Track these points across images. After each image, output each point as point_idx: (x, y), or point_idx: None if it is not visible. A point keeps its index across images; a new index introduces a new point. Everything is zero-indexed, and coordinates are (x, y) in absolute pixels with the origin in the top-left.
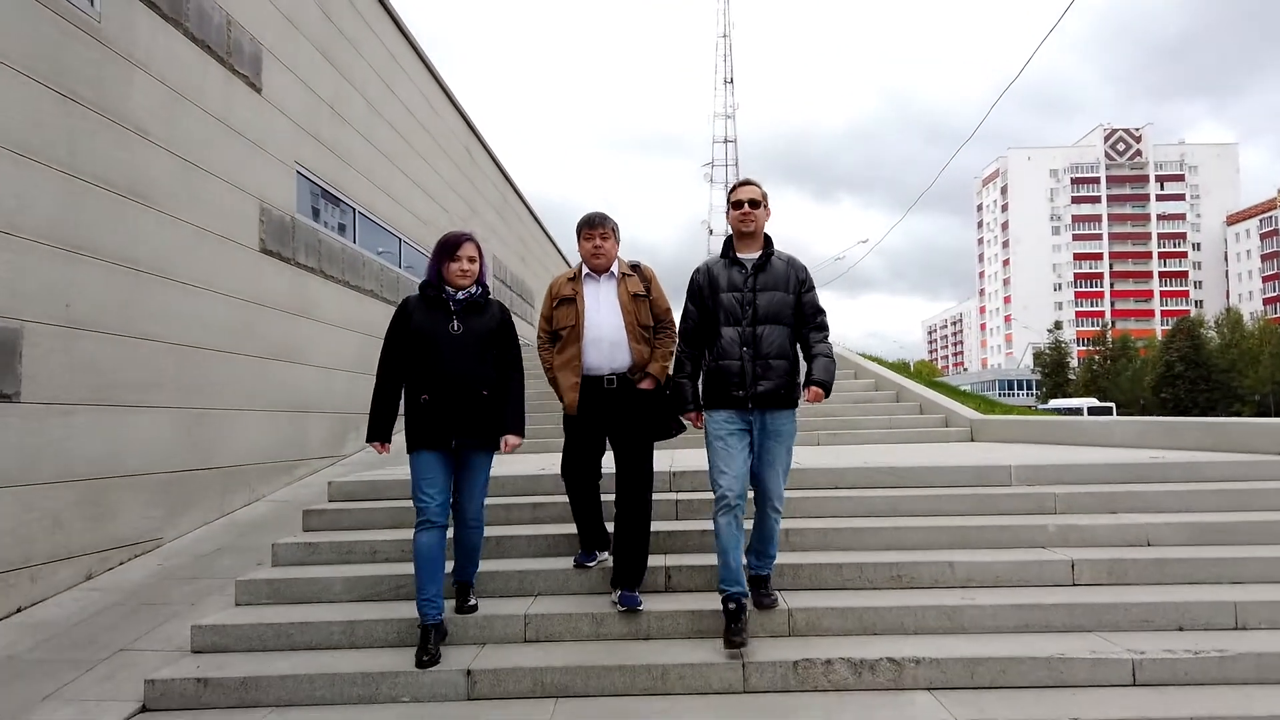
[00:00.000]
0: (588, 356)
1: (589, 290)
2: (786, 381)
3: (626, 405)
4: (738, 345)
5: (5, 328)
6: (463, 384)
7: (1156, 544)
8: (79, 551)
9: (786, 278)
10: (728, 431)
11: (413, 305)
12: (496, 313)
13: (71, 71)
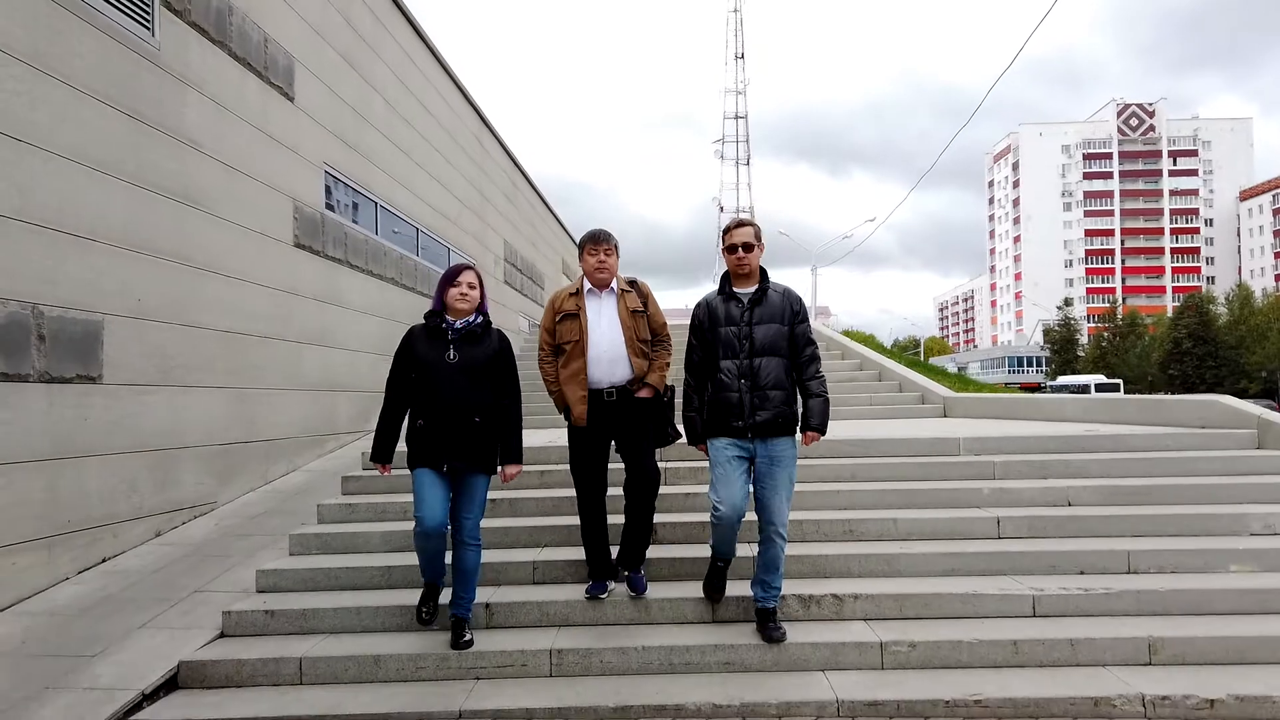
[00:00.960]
0: (591, 370)
1: (591, 305)
2: (784, 411)
3: (626, 414)
4: (736, 377)
5: (90, 320)
6: (456, 410)
7: (1076, 504)
8: (150, 512)
9: (782, 310)
10: (726, 458)
11: (416, 334)
12: (495, 342)
13: (136, 94)
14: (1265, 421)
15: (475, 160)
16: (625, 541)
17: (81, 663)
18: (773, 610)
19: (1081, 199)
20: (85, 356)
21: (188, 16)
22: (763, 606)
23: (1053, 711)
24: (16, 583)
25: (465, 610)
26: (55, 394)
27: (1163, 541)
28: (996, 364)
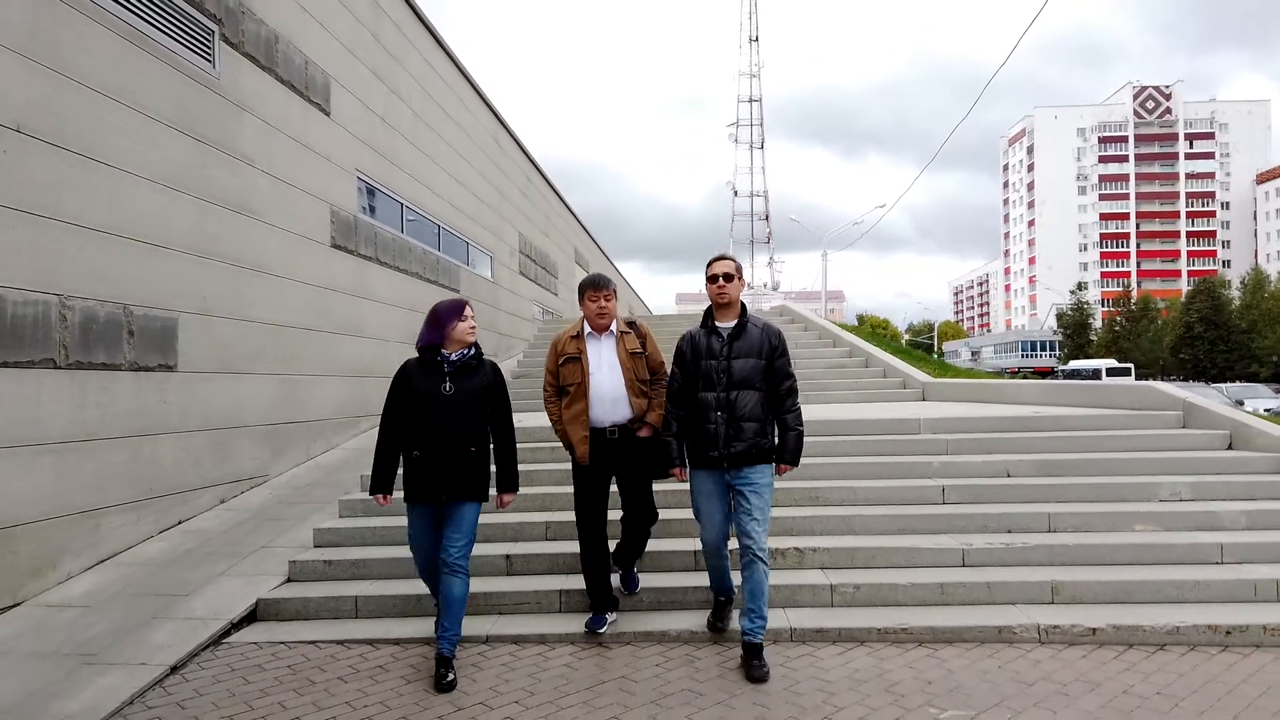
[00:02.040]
0: (592, 411)
1: (591, 349)
2: (758, 442)
3: (628, 451)
4: (713, 409)
5: (167, 317)
6: (453, 441)
7: (1014, 475)
8: (214, 482)
9: (760, 344)
10: (706, 493)
11: (410, 368)
12: (489, 373)
13: (200, 119)
14: (1189, 404)
15: (491, 158)
16: (621, 548)
17: (177, 600)
18: (759, 646)
19: (1097, 183)
20: (164, 348)
21: (242, 48)
22: (749, 640)
23: (965, 638)
24: (114, 539)
25: (450, 646)
26: (141, 380)
27: (1081, 506)
28: (1009, 348)
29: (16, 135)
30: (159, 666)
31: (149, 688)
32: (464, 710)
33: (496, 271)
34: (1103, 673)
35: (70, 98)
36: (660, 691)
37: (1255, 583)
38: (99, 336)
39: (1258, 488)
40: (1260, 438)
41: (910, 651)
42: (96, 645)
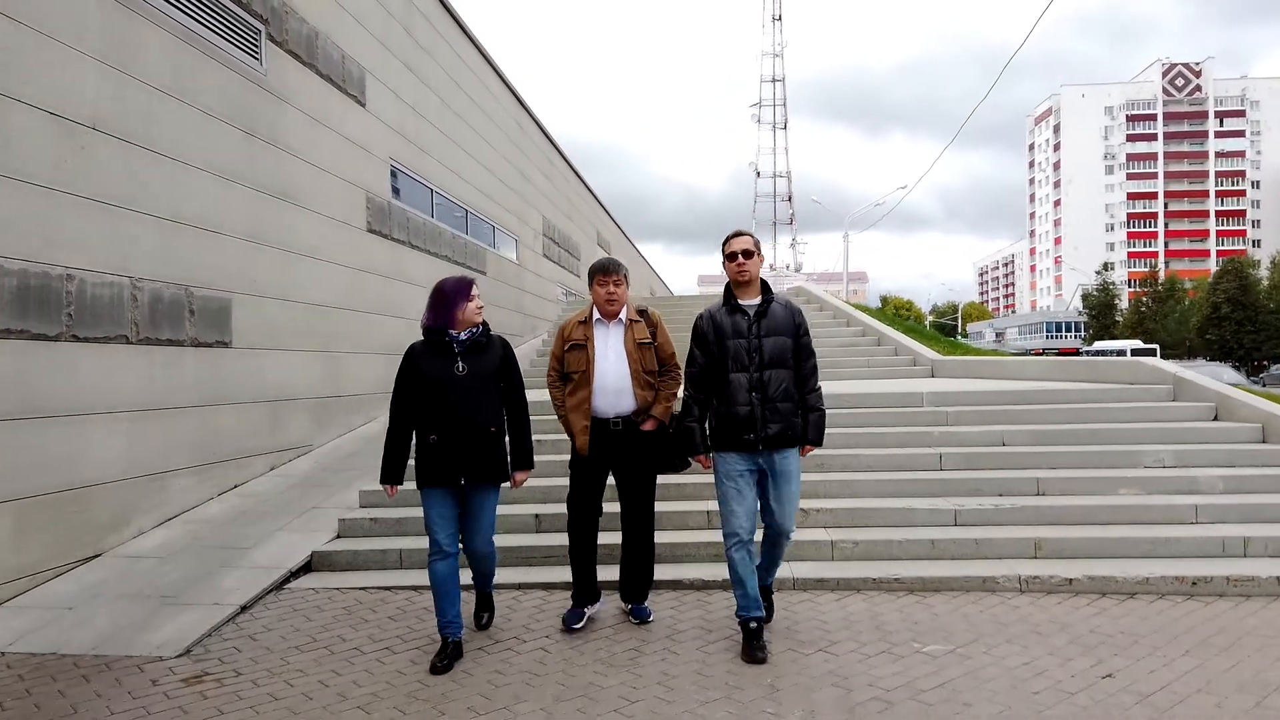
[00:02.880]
0: (595, 401)
1: (599, 336)
2: (793, 422)
3: (630, 445)
4: (746, 390)
5: (223, 298)
6: (470, 423)
7: (1010, 444)
8: (265, 450)
9: (787, 323)
10: (738, 473)
11: (418, 351)
12: (499, 350)
13: (250, 114)
14: (1179, 379)
15: (515, 142)
16: (626, 576)
17: (241, 553)
18: (768, 587)
19: (1124, 161)
20: (221, 326)
21: (286, 45)
22: (762, 583)
23: (952, 587)
24: (180, 500)
25: (488, 585)
26: (201, 355)
27: (1070, 471)
28: (1034, 329)
29: (92, 132)
30: (231, 606)
31: (223, 623)
32: (501, 643)
33: (521, 254)
34: (1074, 616)
35: (136, 96)
36: (674, 629)
37: (1224, 540)
38: (164, 315)
39: (1237, 455)
40: (1243, 409)
41: (901, 599)
42: (173, 589)
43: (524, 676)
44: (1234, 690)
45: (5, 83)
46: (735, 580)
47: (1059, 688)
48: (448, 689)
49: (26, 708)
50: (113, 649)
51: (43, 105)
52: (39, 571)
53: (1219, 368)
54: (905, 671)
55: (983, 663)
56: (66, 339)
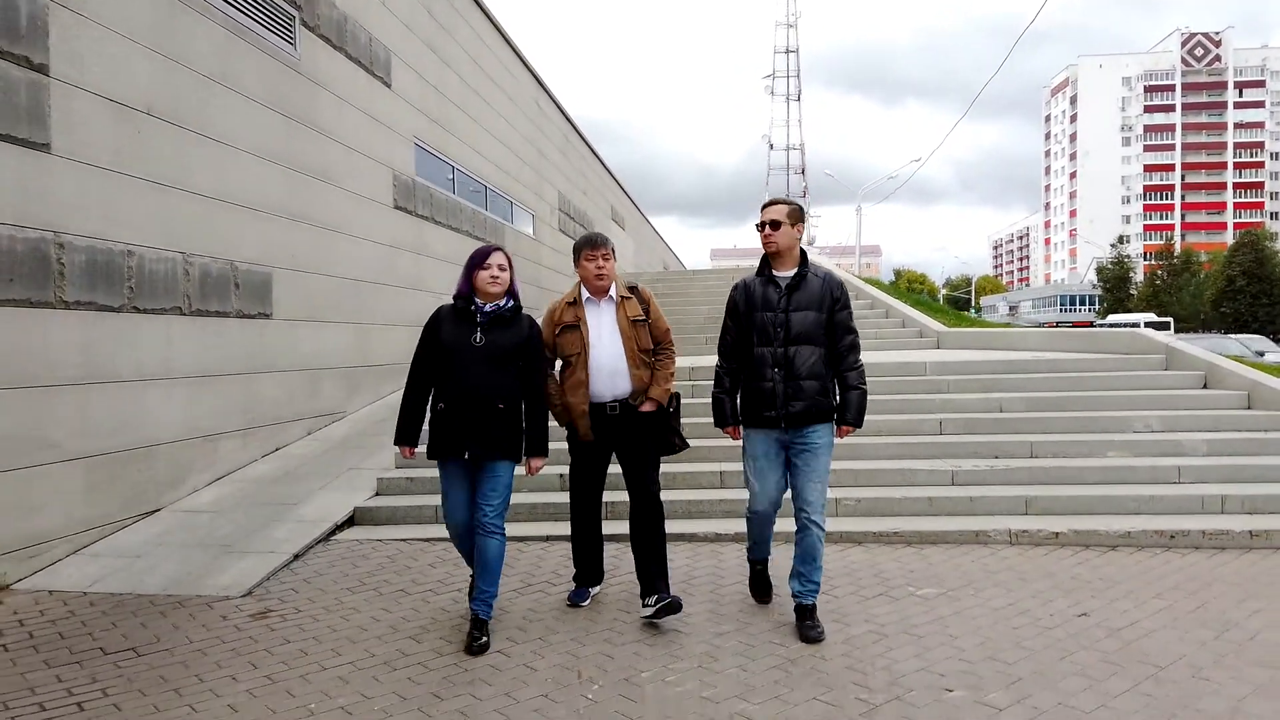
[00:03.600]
0: (592, 383)
1: (591, 315)
2: (818, 401)
3: (630, 428)
4: (769, 366)
5: (265, 272)
6: (478, 396)
7: (1007, 410)
8: (303, 416)
9: (821, 297)
10: (762, 451)
11: (443, 315)
12: (525, 328)
13: (286, 97)
14: (1171, 348)
15: (533, 120)
16: (643, 573)
17: (288, 508)
18: (811, 607)
19: (1141, 133)
20: (263, 299)
21: (318, 30)
22: (801, 603)
23: (947, 540)
24: (228, 460)
25: (485, 608)
26: (245, 326)
27: (1062, 436)
28: (1048, 302)
29: (147, 117)
30: (285, 554)
31: (279, 569)
32: (533, 585)
33: (538, 229)
34: (1058, 565)
35: (185, 83)
36: (689, 577)
37: (1203, 498)
38: (213, 288)
39: (1222, 420)
40: (1230, 378)
41: (899, 550)
42: (230, 539)
43: (555, 613)
44: (1197, 626)
45: (70, 72)
46: (751, 535)
47: (1038, 624)
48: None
49: (115, 637)
50: (183, 590)
51: (101, 92)
52: (108, 523)
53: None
54: (899, 610)
55: (970, 604)
56: (128, 310)
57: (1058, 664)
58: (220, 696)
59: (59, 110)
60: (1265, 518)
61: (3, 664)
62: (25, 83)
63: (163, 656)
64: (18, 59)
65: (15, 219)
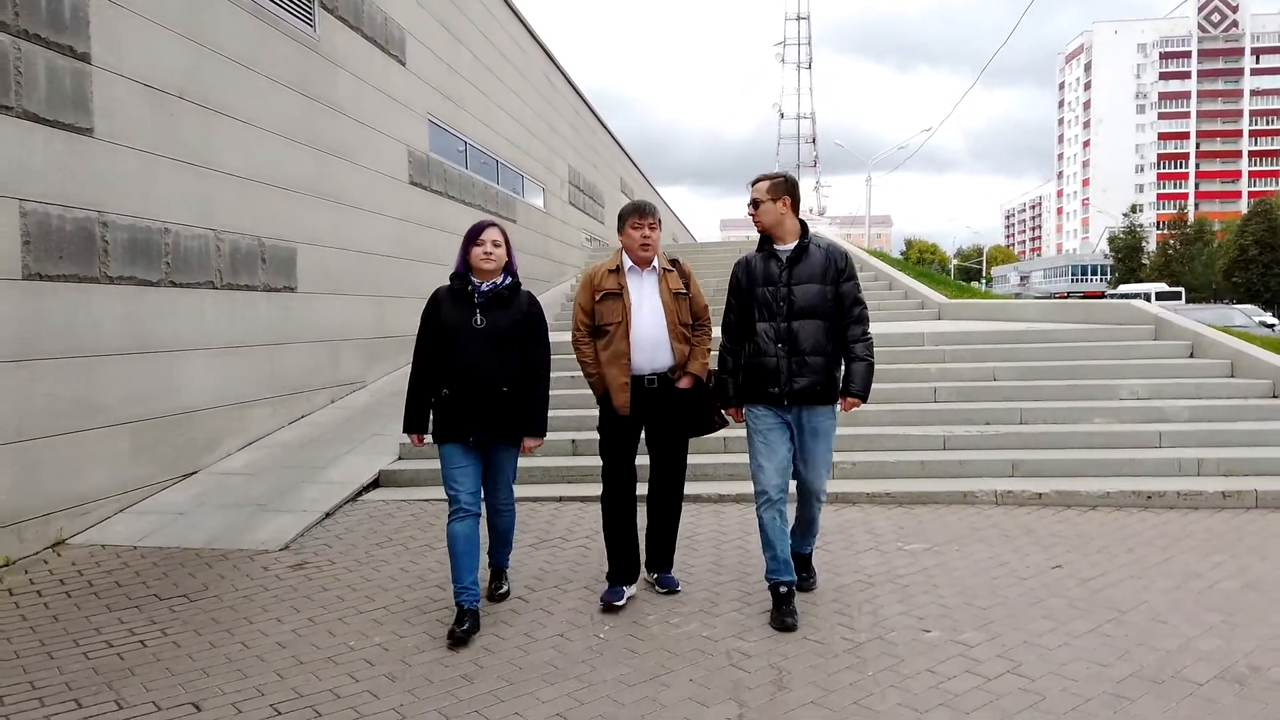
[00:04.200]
0: (632, 355)
1: (632, 285)
2: (823, 378)
3: (666, 403)
4: (772, 341)
5: (289, 247)
6: (482, 380)
7: (1000, 379)
8: (326, 385)
9: (824, 269)
10: (767, 426)
11: (442, 296)
12: (524, 305)
13: (307, 78)
14: (1160, 319)
15: (543, 95)
16: (652, 544)
17: (316, 471)
18: (806, 557)
19: (1156, 101)
20: (287, 273)
21: (336, 12)
22: (798, 552)
23: (936, 500)
24: (257, 427)
25: (504, 560)
26: (272, 299)
27: (1051, 403)
28: (1060, 272)
29: (179, 101)
30: (316, 512)
31: (312, 525)
32: (548, 542)
33: (548, 202)
34: (1039, 523)
35: (214, 67)
36: (693, 533)
37: (1180, 461)
38: (242, 263)
39: (1205, 388)
40: (1214, 347)
41: (891, 509)
42: (265, 499)
43: (568, 565)
44: (1161, 576)
45: (109, 59)
46: (765, 543)
47: (1014, 574)
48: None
49: (167, 585)
50: (225, 544)
51: (138, 78)
52: (152, 483)
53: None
54: (887, 563)
55: (954, 557)
56: (166, 285)
57: (1028, 609)
58: (268, 635)
59: (100, 96)
60: (1238, 479)
61: (68, 608)
62: (70, 71)
63: (212, 602)
64: (63, 48)
65: (64, 200)
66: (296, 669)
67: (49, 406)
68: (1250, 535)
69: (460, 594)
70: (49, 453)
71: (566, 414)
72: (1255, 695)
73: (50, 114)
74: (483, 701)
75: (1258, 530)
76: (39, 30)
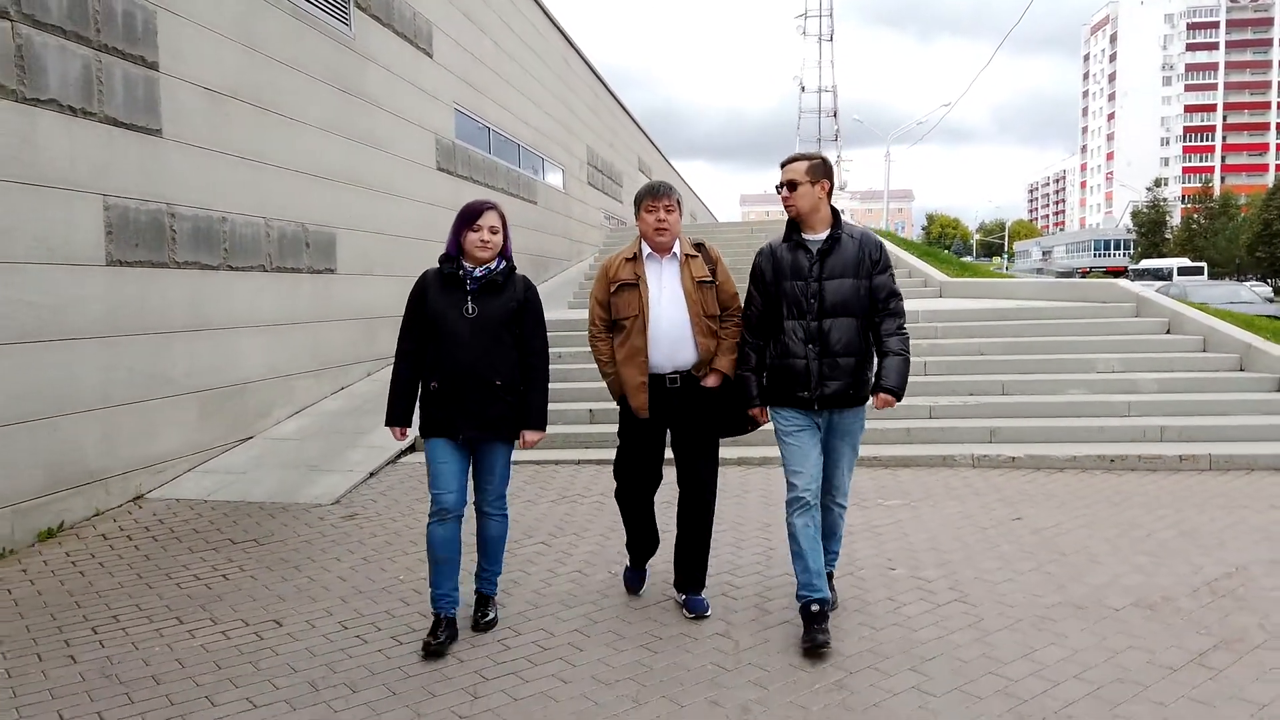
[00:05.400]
0: (650, 352)
1: (651, 274)
2: (856, 380)
3: (691, 404)
4: (802, 342)
5: (330, 232)
6: (474, 373)
7: (986, 353)
8: (363, 359)
9: (857, 261)
10: (797, 428)
11: (430, 281)
12: (519, 291)
13: (342, 74)
14: (1141, 298)
15: (562, 78)
16: (681, 563)
17: (358, 436)
18: (829, 574)
19: (1183, 72)
20: (328, 256)
21: (369, 10)
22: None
23: (918, 464)
24: (303, 397)
25: (491, 586)
26: (315, 280)
27: (1031, 375)
28: (1082, 247)
29: (233, 101)
30: (362, 472)
31: (358, 484)
32: (567, 498)
33: (567, 183)
34: (1009, 483)
35: (262, 68)
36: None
37: (1145, 428)
38: (289, 248)
39: (1176, 361)
40: (1189, 324)
41: (876, 472)
42: (314, 461)
43: (587, 516)
44: (1108, 527)
45: (174, 66)
46: (795, 553)
47: (977, 525)
48: (530, 525)
49: (238, 532)
50: (283, 499)
51: (199, 82)
52: (214, 447)
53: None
54: (866, 516)
55: (927, 511)
56: (224, 269)
57: (984, 552)
58: (330, 571)
59: (167, 100)
60: (1196, 445)
61: (156, 550)
62: (142, 79)
63: (279, 546)
64: (135, 59)
65: (138, 194)
66: (357, 596)
67: (128, 378)
68: (1197, 494)
69: (438, 600)
70: (129, 418)
71: (583, 386)
72: (1161, 618)
73: (127, 118)
74: (512, 621)
75: (1205, 490)
76: (116, 44)
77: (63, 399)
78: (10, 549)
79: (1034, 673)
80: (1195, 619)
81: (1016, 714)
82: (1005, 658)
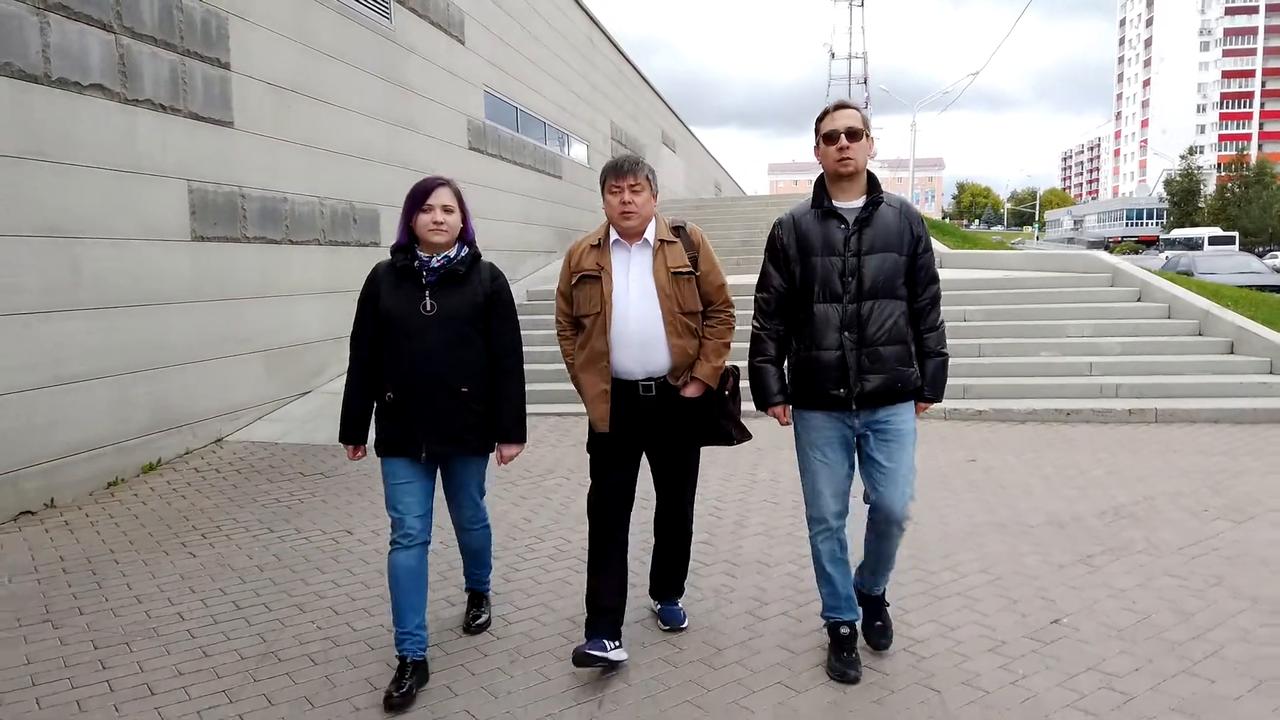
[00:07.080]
0: (615, 356)
1: (618, 263)
2: (900, 373)
3: (668, 415)
4: (836, 329)
5: (374, 209)
6: (435, 380)
7: (968, 320)
8: None
9: (900, 233)
10: (825, 440)
11: (381, 275)
12: (485, 281)
13: (383, 64)
14: (1116, 268)
15: (586, 57)
16: (658, 571)
17: None
18: (880, 596)
19: (1221, 38)
20: (373, 230)
21: (408, 4)
22: (869, 593)
23: None
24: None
25: (483, 584)
26: (361, 252)
27: (1006, 338)
28: (1114, 216)
29: (292, 94)
30: None
31: None
32: (558, 447)
33: (592, 158)
34: (973, 433)
35: (315, 63)
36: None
37: (1101, 385)
38: (339, 224)
39: (1141, 327)
40: (1157, 293)
41: None
42: None
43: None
44: (1050, 467)
45: (243, 64)
46: (821, 576)
47: (935, 466)
48: (551, 464)
49: (307, 467)
50: None
51: (263, 78)
52: (279, 399)
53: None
54: None
55: None
56: (285, 243)
57: (935, 486)
58: None
59: (238, 95)
60: (1145, 400)
61: (241, 480)
62: (218, 78)
63: (342, 478)
64: (211, 60)
65: (216, 179)
66: None
67: (208, 338)
68: (1137, 442)
69: (402, 641)
70: (209, 373)
71: None
72: (1068, 533)
73: (206, 113)
74: (537, 535)
75: (1146, 439)
76: (196, 48)
77: (158, 355)
78: (121, 478)
79: (949, 568)
80: (1093, 533)
81: (929, 595)
82: (929, 561)
